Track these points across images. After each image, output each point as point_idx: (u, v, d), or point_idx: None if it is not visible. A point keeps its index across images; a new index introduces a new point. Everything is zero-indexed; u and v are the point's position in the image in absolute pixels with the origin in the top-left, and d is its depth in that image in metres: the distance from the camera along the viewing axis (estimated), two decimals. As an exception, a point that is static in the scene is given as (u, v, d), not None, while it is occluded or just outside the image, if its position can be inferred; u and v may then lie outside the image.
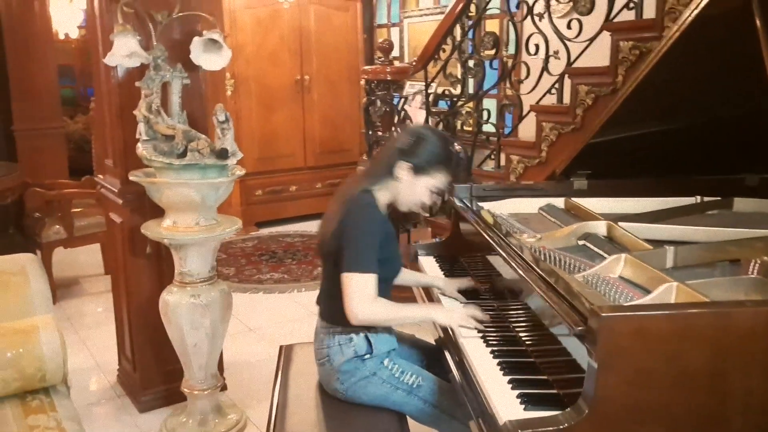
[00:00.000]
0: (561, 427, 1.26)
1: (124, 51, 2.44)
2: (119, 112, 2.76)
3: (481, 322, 1.88)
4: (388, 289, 2.03)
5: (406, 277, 2.30)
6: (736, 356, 1.27)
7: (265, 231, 5.99)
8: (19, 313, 2.14)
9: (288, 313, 4.18)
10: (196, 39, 2.56)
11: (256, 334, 3.87)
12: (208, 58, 2.61)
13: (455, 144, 2.05)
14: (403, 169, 1.94)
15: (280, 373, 2.21)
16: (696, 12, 1.84)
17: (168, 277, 2.79)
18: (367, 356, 1.96)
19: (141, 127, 2.53)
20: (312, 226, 5.87)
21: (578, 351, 1.46)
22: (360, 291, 1.85)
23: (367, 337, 1.97)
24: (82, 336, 3.82)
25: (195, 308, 2.63)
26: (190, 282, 2.65)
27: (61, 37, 7.51)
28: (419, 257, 2.52)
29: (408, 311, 2.01)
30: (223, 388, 3.04)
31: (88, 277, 4.86)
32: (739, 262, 1.87)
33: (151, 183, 2.55)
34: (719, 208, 2.41)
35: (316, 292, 2.13)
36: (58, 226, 4.34)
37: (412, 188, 1.97)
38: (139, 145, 2.54)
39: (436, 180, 1.98)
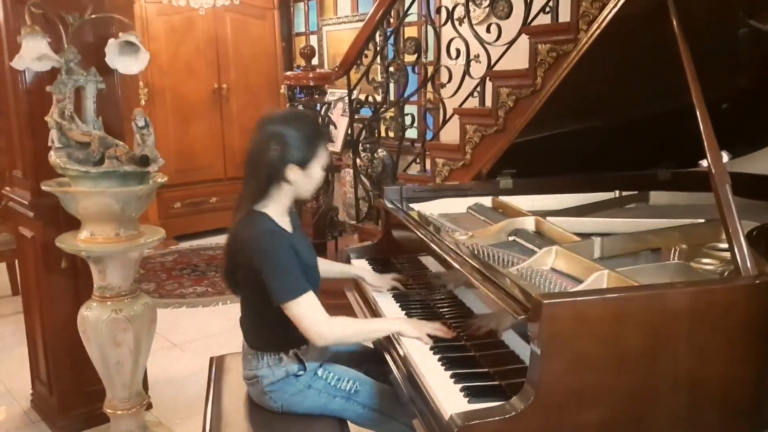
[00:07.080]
0: (508, 415, 1.27)
1: (34, 54, 2.31)
2: (28, 119, 2.60)
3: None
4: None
5: (330, 268, 2.25)
6: (668, 335, 1.32)
7: (185, 244, 5.80)
8: None
9: (213, 326, 4.04)
10: (111, 41, 2.45)
11: (181, 349, 3.73)
12: (124, 62, 2.51)
13: (299, 107, 1.94)
14: (292, 172, 1.84)
15: (212, 385, 2.13)
16: (612, 13, 1.90)
17: (85, 292, 2.64)
18: (301, 373, 1.91)
19: (53, 134, 2.40)
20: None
21: (515, 342, 1.48)
22: (309, 315, 1.78)
23: (296, 355, 1.91)
24: (-10, 361, 3.57)
25: (117, 323, 2.50)
26: (111, 296, 2.51)
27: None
28: (351, 260, 2.50)
29: (373, 325, 1.96)
30: (149, 406, 2.90)
31: (-7, 299, 4.56)
32: (659, 251, 1.96)
33: (65, 193, 2.42)
34: (637, 201, 2.53)
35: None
36: (-41, 246, 4.05)
37: (308, 179, 1.88)
38: (52, 153, 2.40)
39: (322, 157, 1.90)
